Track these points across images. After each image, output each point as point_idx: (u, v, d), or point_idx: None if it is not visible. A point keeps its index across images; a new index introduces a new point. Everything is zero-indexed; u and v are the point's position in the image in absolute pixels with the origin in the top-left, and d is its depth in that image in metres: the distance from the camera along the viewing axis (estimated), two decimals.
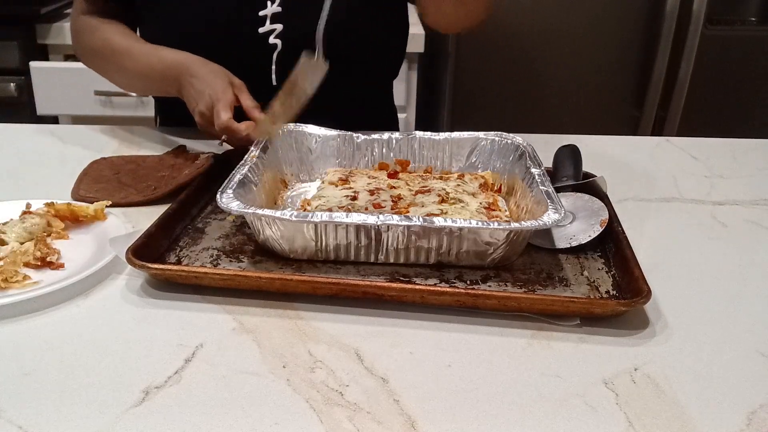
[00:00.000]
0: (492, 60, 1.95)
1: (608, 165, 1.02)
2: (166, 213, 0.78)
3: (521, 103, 2.01)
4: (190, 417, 0.52)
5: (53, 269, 0.71)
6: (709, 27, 1.91)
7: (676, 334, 0.64)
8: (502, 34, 1.92)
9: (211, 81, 0.96)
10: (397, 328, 0.64)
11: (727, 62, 1.97)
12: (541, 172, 0.80)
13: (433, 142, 0.92)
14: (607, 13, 1.91)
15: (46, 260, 0.71)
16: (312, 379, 0.57)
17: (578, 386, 0.56)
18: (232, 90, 0.94)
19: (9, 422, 0.51)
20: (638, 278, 0.66)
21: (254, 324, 0.64)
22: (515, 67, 1.96)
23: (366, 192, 0.82)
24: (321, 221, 0.69)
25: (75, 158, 1.01)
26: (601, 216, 0.78)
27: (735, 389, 0.56)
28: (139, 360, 0.58)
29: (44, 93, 1.78)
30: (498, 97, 2.01)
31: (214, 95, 0.93)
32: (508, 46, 1.93)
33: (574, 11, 1.90)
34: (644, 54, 1.95)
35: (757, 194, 0.97)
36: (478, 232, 0.69)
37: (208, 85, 0.95)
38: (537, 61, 1.96)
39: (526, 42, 1.93)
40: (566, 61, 1.96)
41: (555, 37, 1.93)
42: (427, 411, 0.53)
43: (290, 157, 0.92)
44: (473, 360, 0.60)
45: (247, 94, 0.95)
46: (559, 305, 0.64)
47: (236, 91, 0.95)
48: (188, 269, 0.69)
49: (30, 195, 0.84)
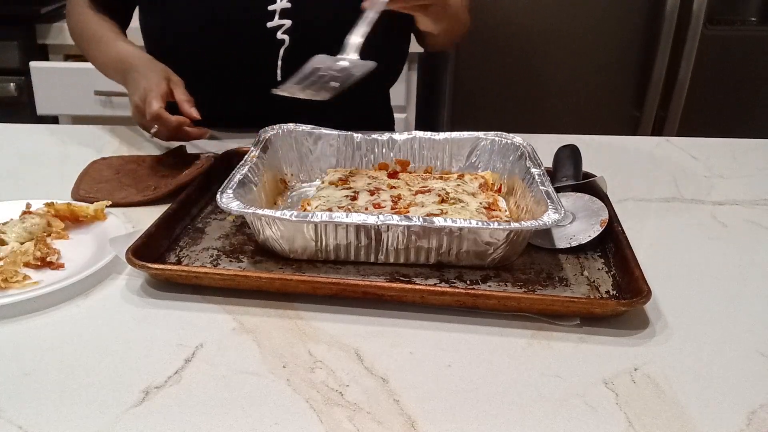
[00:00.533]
0: (492, 60, 1.95)
1: (608, 165, 1.02)
2: (166, 213, 0.78)
3: (521, 103, 2.01)
4: (190, 417, 0.52)
5: (53, 269, 0.71)
6: (709, 27, 1.91)
7: (676, 334, 0.64)
8: (502, 34, 1.92)
9: (148, 74, 0.98)
10: (397, 328, 0.64)
11: (727, 62, 1.97)
12: (541, 172, 0.80)
13: (433, 142, 0.92)
14: (607, 13, 1.91)
15: (46, 260, 0.71)
16: (312, 379, 0.57)
17: (578, 386, 0.56)
18: (167, 84, 0.96)
19: (9, 422, 0.51)
20: (638, 278, 0.66)
21: (254, 324, 0.64)
22: (515, 67, 1.96)
23: (366, 192, 0.82)
24: (321, 221, 0.69)
25: (75, 158, 1.01)
26: (601, 216, 0.78)
27: (735, 389, 0.56)
28: (139, 360, 0.58)
29: (44, 93, 1.78)
30: (498, 97, 2.00)
31: (148, 87, 0.95)
32: (508, 46, 1.93)
33: (574, 11, 1.90)
34: (644, 54, 1.94)
35: (757, 194, 0.96)
36: (478, 232, 0.69)
37: (144, 78, 0.97)
38: (537, 62, 1.96)
39: (526, 42, 1.93)
40: (566, 61, 1.96)
41: (555, 37, 1.93)
42: (427, 411, 0.53)
43: (290, 157, 0.92)
44: (473, 360, 0.59)
45: (183, 89, 0.97)
46: (559, 305, 0.64)
47: (172, 85, 0.97)
48: (188, 269, 0.69)
49: (30, 195, 0.84)
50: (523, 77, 1.98)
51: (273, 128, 0.91)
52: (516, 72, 1.97)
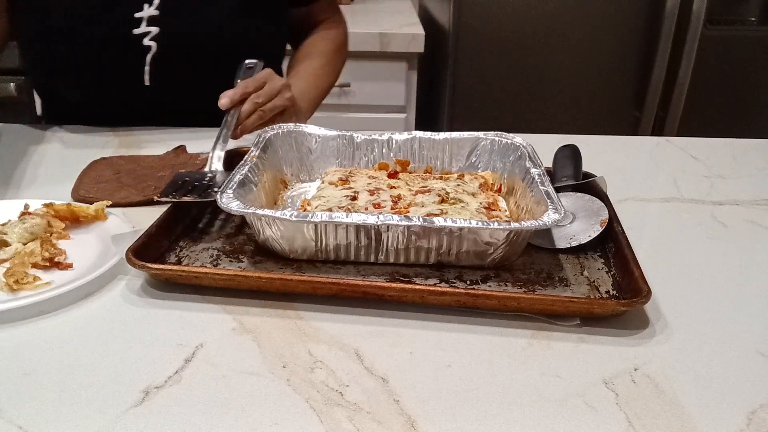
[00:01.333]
0: (492, 60, 1.95)
1: (608, 165, 1.02)
2: (166, 213, 0.78)
3: (521, 103, 2.01)
4: (190, 417, 0.52)
5: (62, 269, 0.71)
6: (709, 27, 1.91)
7: (676, 334, 0.64)
8: (502, 35, 1.92)
9: None
10: (397, 328, 0.64)
11: (727, 62, 1.97)
12: (541, 172, 0.80)
13: (433, 142, 0.92)
14: (607, 14, 1.91)
15: (54, 261, 0.71)
16: (312, 379, 0.57)
17: (578, 386, 0.56)
18: None
19: (9, 422, 0.51)
20: (638, 278, 0.66)
21: (254, 324, 0.64)
22: (515, 67, 1.96)
23: (366, 192, 0.82)
24: (321, 221, 0.69)
25: (75, 158, 1.01)
26: (601, 216, 0.78)
27: (735, 389, 0.56)
28: (139, 360, 0.58)
29: None
30: (498, 97, 2.01)
31: None
32: (508, 46, 1.94)
33: (574, 11, 1.90)
34: (644, 54, 1.95)
35: (757, 194, 0.97)
36: (478, 232, 0.69)
37: None
38: (537, 62, 1.96)
39: (526, 42, 1.93)
40: (566, 61, 1.96)
41: (555, 37, 1.93)
42: (427, 411, 0.53)
43: (290, 157, 0.92)
44: (473, 360, 0.60)
45: None
46: (559, 305, 0.64)
47: None
48: (188, 269, 0.69)
49: (30, 195, 0.84)
50: (523, 77, 1.98)
51: (273, 128, 0.91)
52: (516, 72, 1.97)
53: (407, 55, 1.95)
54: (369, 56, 1.91)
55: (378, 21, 2.02)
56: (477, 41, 1.92)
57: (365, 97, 1.98)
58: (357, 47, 1.87)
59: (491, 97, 2.00)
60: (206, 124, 1.06)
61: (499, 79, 1.98)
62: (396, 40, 1.90)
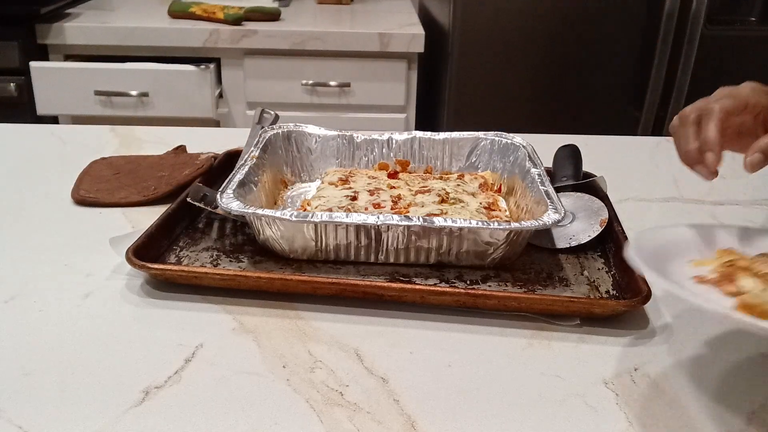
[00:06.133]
0: (492, 60, 1.95)
1: (608, 165, 1.02)
2: (166, 213, 0.78)
3: (521, 103, 2.01)
4: (190, 417, 0.52)
5: None
6: (709, 27, 1.91)
7: (676, 334, 0.64)
8: (502, 34, 1.92)
9: None
10: (397, 328, 0.64)
11: (727, 62, 1.97)
12: (541, 172, 0.80)
13: (433, 142, 0.92)
14: (607, 14, 1.91)
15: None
16: (312, 379, 0.57)
17: (578, 386, 0.56)
18: None
19: (9, 422, 0.51)
20: (638, 278, 0.66)
21: (254, 324, 0.64)
22: (515, 67, 1.96)
23: (366, 192, 0.82)
24: (321, 221, 0.69)
25: (75, 158, 1.01)
26: (601, 216, 0.78)
27: (735, 389, 0.56)
28: (139, 360, 0.58)
29: (44, 93, 1.78)
30: (498, 97, 2.00)
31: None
32: (508, 46, 1.93)
33: (574, 11, 1.90)
34: (644, 54, 1.94)
35: (756, 194, 0.96)
36: (478, 232, 0.69)
37: None
38: (537, 61, 1.96)
39: (526, 42, 1.93)
40: (566, 61, 1.95)
41: (555, 37, 1.93)
42: (427, 411, 0.53)
43: (290, 157, 0.92)
44: (473, 360, 0.60)
45: None
46: (559, 305, 0.64)
47: None
48: (188, 269, 0.69)
49: (30, 195, 0.84)
50: (523, 77, 1.98)
51: (273, 128, 0.91)
52: (516, 72, 1.97)
53: (407, 55, 1.95)
54: (369, 56, 1.91)
55: (378, 21, 2.02)
56: (477, 41, 1.92)
57: (365, 97, 1.98)
58: (357, 47, 1.86)
59: (491, 97, 2.00)
60: None
61: (499, 78, 1.97)
62: (396, 40, 1.90)
